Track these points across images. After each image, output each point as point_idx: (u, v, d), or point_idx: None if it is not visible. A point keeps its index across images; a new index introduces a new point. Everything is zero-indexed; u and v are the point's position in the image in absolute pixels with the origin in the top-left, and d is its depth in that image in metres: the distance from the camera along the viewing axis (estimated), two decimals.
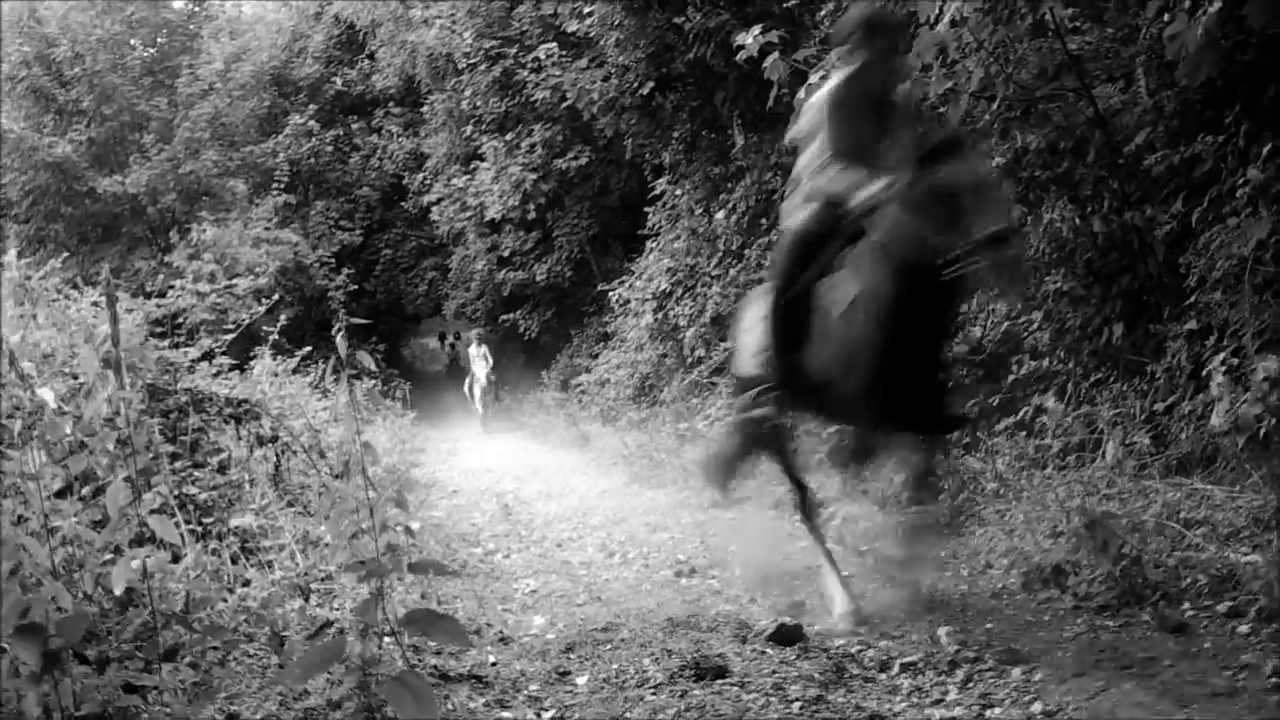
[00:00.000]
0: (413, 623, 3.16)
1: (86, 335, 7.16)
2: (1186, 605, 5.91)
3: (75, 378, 6.55)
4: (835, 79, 6.80)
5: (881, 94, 6.73)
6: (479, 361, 27.95)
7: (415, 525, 4.53)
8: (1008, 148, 9.74)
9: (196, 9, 28.86)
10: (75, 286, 8.58)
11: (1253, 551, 6.19)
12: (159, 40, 27.45)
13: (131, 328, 7.96)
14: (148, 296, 9.68)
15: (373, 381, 18.92)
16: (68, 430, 4.48)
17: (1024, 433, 9.22)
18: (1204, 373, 7.45)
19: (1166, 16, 7.64)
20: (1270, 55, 8.00)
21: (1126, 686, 4.91)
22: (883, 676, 5.66)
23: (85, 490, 4.71)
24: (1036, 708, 4.93)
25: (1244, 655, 5.16)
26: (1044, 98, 9.52)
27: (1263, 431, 6.81)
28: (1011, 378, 9.71)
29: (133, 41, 26.68)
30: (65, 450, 4.62)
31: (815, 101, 6.89)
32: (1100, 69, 9.96)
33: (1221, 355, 7.28)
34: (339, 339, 4.06)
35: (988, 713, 5.02)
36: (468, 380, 28.49)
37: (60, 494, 4.44)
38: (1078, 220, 9.40)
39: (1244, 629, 5.48)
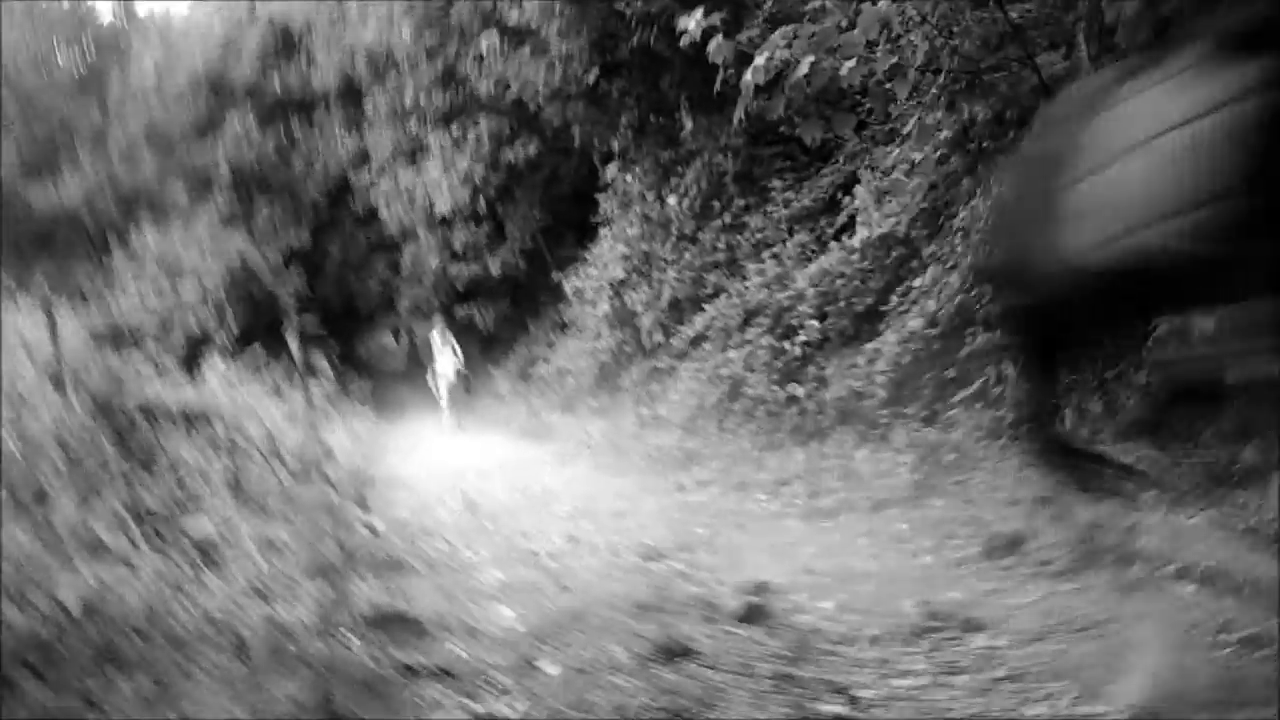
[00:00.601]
0: (377, 625, 3.14)
1: (26, 350, 7.09)
2: (1138, 568, 5.95)
3: (19, 395, 6.48)
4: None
5: None
6: (444, 353, 24.85)
7: (379, 524, 4.51)
8: (955, 120, 9.78)
9: (124, 26, 28.63)
10: (13, 299, 8.49)
11: (1198, 514, 6.26)
12: (87, 52, 27.26)
13: (74, 337, 7.88)
14: (89, 305, 9.60)
15: (330, 382, 18.87)
16: (13, 447, 4.43)
17: (980, 404, 9.27)
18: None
19: None
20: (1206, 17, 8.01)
21: (1085, 648, 4.96)
22: (849, 650, 5.68)
23: (36, 507, 4.65)
24: (1000, 673, 4.96)
25: (1191, 613, 5.21)
26: (989, 69, 9.55)
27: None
28: (966, 350, 9.75)
29: (60, 55, 26.52)
30: (12, 468, 4.57)
31: None
32: (1042, 37, 10.00)
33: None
34: (291, 340, 4.04)
35: (951, 680, 5.04)
36: (431, 376, 25.35)
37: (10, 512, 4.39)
38: None
39: (1191, 588, 5.55)
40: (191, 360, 10.27)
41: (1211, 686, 4.49)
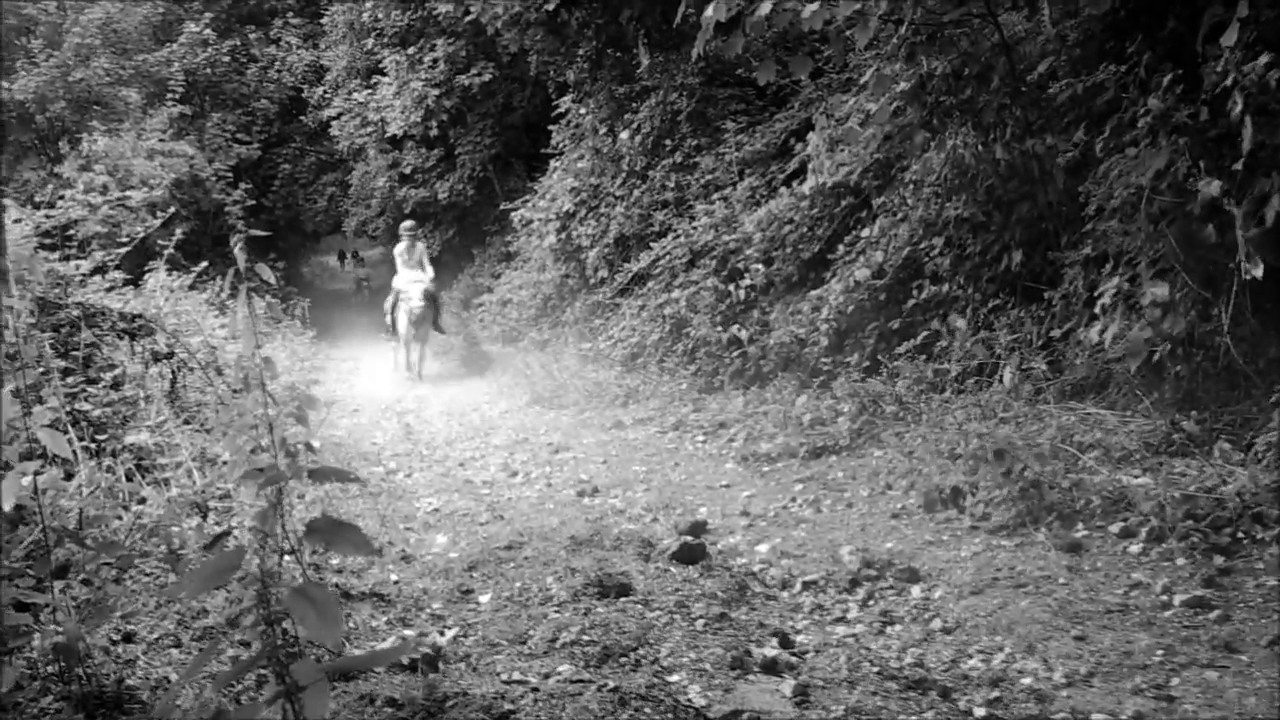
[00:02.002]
0: (314, 532, 3.08)
1: None
2: (1080, 526, 6.02)
3: None
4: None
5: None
6: (410, 269, 19.12)
7: (316, 443, 4.47)
8: (913, 72, 9.75)
9: None
10: None
11: (1144, 474, 6.32)
12: None
13: (20, 239, 7.78)
14: (36, 207, 9.44)
15: (271, 298, 18.66)
16: None
17: (923, 356, 9.32)
18: (1097, 298, 7.55)
19: None
20: None
21: (1023, 604, 5.01)
22: (785, 594, 5.73)
23: None
24: (935, 624, 5.01)
25: (1135, 574, 5.27)
26: (951, 23, 9.52)
27: (1155, 357, 6.93)
28: (912, 302, 9.79)
29: None
30: None
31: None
32: None
33: (1115, 281, 7.38)
34: (237, 251, 3.98)
35: (888, 629, 5.09)
36: (390, 299, 19.41)
37: None
38: (980, 147, 9.47)
39: (1135, 549, 5.61)
40: (136, 269, 10.11)
41: (1154, 648, 4.55)
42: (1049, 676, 4.45)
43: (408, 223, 20.39)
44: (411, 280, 18.82)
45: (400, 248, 19.78)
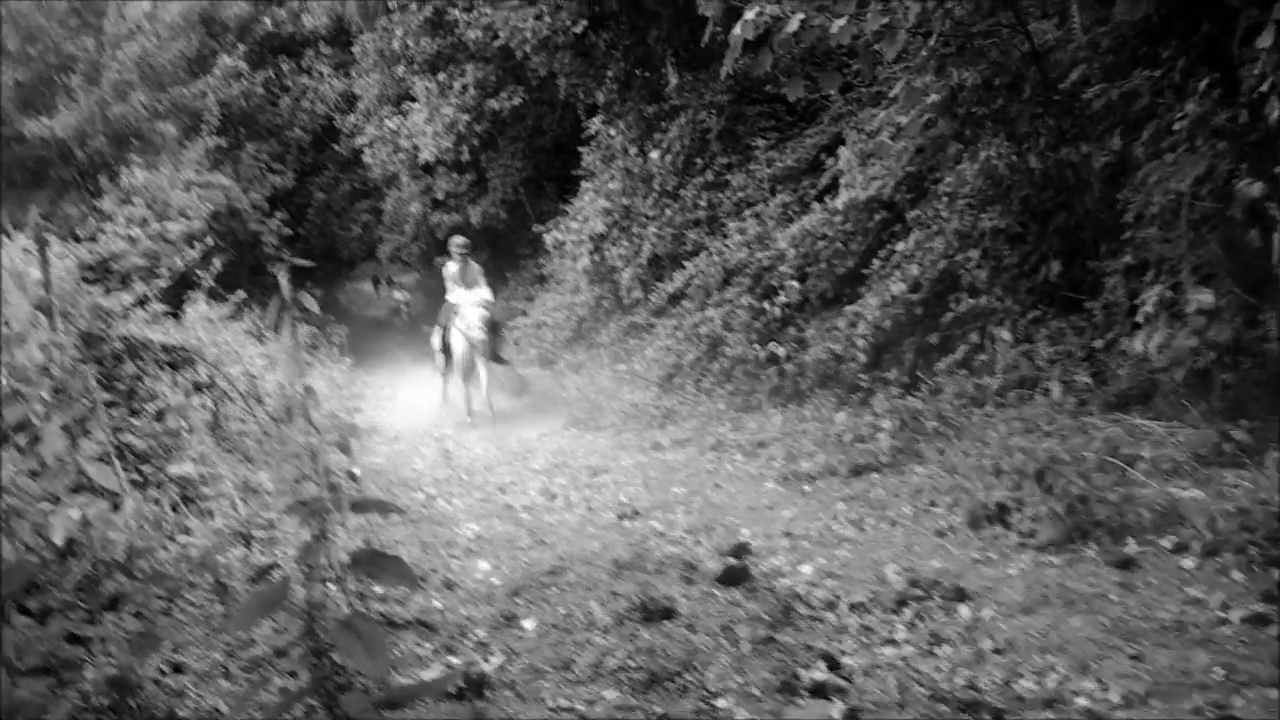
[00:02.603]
0: (358, 564, 3.09)
1: (17, 281, 7.02)
2: (1131, 541, 5.96)
3: (7, 325, 6.43)
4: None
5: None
6: (464, 292, 16.39)
7: (357, 471, 4.48)
8: (943, 84, 9.73)
9: None
10: (4, 232, 8.41)
11: (1194, 487, 6.25)
12: None
13: (63, 273, 7.81)
14: (78, 241, 9.50)
15: (310, 326, 18.76)
16: (1, 378, 4.38)
17: (964, 370, 9.27)
18: (1139, 306, 7.50)
19: None
20: None
21: (1075, 622, 4.95)
22: (831, 616, 5.68)
23: (21, 439, 4.60)
24: (986, 644, 4.96)
25: (1190, 589, 5.21)
26: (980, 34, 9.50)
27: (1201, 365, 6.87)
28: (949, 315, 9.75)
29: None
30: None
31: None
32: (1035, 5, 9.99)
33: (1156, 289, 7.33)
34: (282, 279, 3.98)
35: (937, 650, 5.04)
36: (440, 323, 16.83)
37: None
38: (1014, 157, 9.43)
39: (1189, 563, 5.54)
40: (176, 300, 10.16)
41: (1213, 666, 4.48)
42: (1105, 697, 4.38)
43: (459, 238, 17.40)
44: (469, 301, 15.95)
45: (452, 269, 16.76)
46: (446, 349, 16.61)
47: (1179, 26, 8.26)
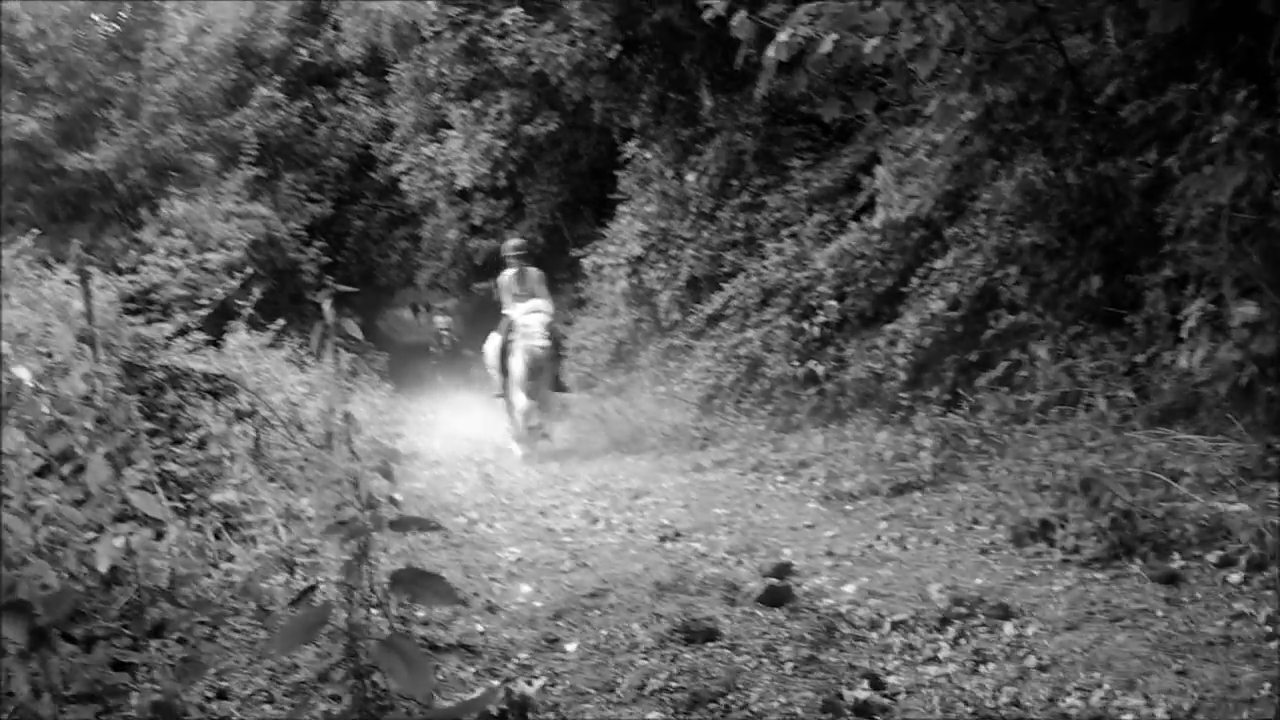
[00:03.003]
0: (399, 583, 3.09)
1: (60, 313, 7.09)
2: (1176, 556, 5.91)
3: (50, 356, 6.48)
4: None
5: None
6: (522, 301, 14.67)
7: (399, 496, 4.49)
8: (979, 102, 9.71)
9: None
10: (47, 265, 8.51)
11: (1240, 501, 6.20)
12: (122, 14, 27.10)
13: (105, 304, 7.89)
14: (120, 273, 9.60)
15: (351, 353, 18.86)
16: (45, 409, 4.42)
17: (1005, 387, 9.23)
18: (1181, 320, 7.46)
19: None
20: (1240, 2, 7.98)
21: (1120, 639, 4.92)
22: (874, 635, 5.66)
23: (65, 469, 4.64)
24: (1030, 662, 4.93)
25: (1237, 604, 5.16)
26: (1014, 50, 9.47)
27: (1245, 379, 6.82)
28: (990, 332, 9.72)
29: (95, 16, 26.33)
30: (44, 429, 4.56)
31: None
32: (1069, 20, 9.94)
33: (1198, 302, 7.28)
34: (325, 306, 4.01)
35: (981, 669, 5.01)
36: (496, 340, 15.07)
37: (40, 473, 4.38)
38: (1051, 173, 9.40)
39: (1235, 578, 5.49)
40: (216, 329, 10.25)
41: (1261, 682, 4.43)
42: (1151, 713, 4.34)
43: (514, 241, 16.06)
44: (528, 311, 14.07)
45: (507, 277, 15.09)
46: (503, 372, 14.83)
47: (1214, 39, 8.23)
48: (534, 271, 15.59)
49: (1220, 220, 7.29)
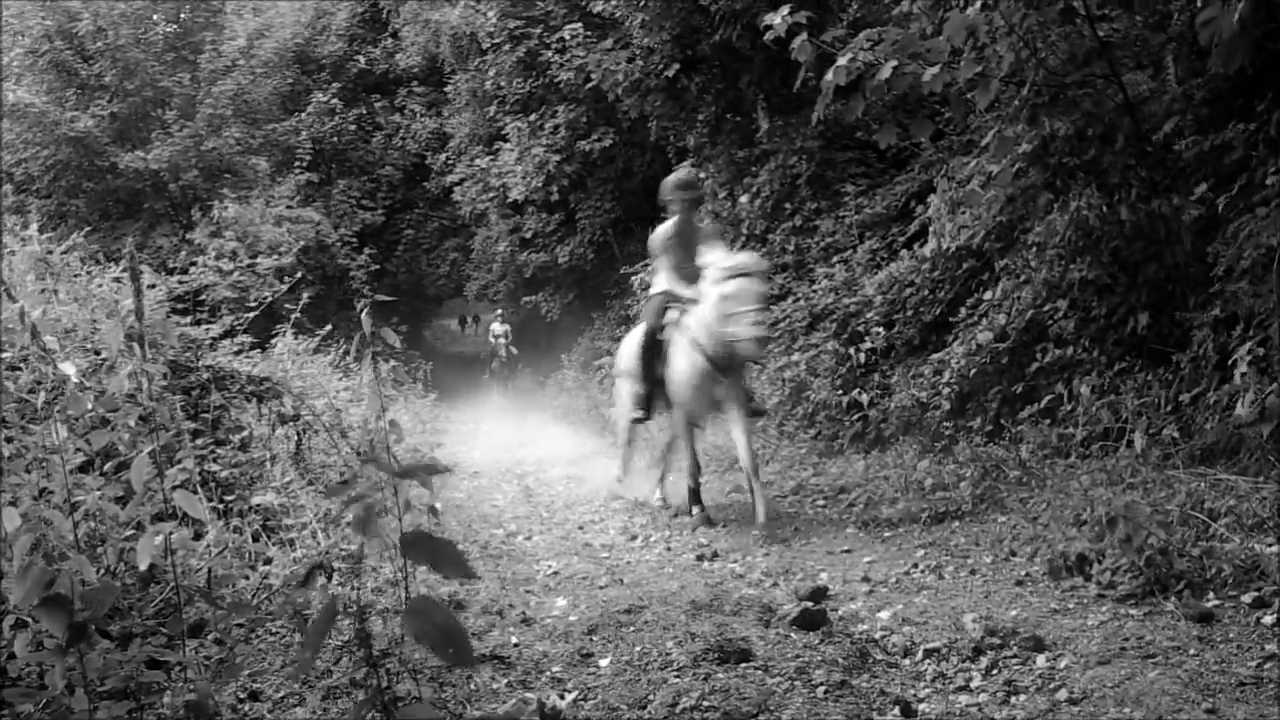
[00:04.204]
0: (410, 549, 3.03)
1: (109, 310, 7.17)
2: (1211, 595, 5.88)
3: (97, 353, 6.56)
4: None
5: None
6: (687, 267, 10.40)
7: (438, 505, 4.52)
8: (1036, 134, 9.69)
9: None
10: (97, 262, 8.60)
11: (1277, 543, 6.16)
12: (182, 15, 27.38)
13: (154, 304, 7.98)
14: (169, 273, 9.68)
15: (395, 361, 18.92)
16: (90, 405, 4.47)
17: (1048, 420, 9.19)
18: (1230, 362, 7.42)
19: (1199, 3, 7.56)
20: None
21: (1151, 675, 4.88)
22: (906, 662, 5.64)
23: (107, 466, 4.69)
24: (1061, 695, 4.90)
25: (1269, 645, 5.13)
26: (1073, 84, 9.45)
27: None
28: (1035, 365, 9.68)
29: (155, 16, 26.60)
30: (87, 425, 4.61)
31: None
32: (1129, 56, 9.91)
33: (1248, 345, 7.25)
34: (364, 316, 4.04)
35: (1012, 699, 4.99)
36: (645, 338, 10.78)
37: (82, 469, 4.44)
38: (1105, 208, 9.36)
39: (1269, 619, 5.45)
40: (263, 332, 10.32)
41: None
42: None
43: (680, 174, 11.32)
44: (727, 275, 9.26)
45: (665, 233, 10.49)
46: (650, 383, 10.21)
47: (1273, 79, 8.20)
48: (709, 225, 12.21)
49: (1272, 262, 7.25)
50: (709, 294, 9.35)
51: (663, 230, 10.56)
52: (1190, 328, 8.37)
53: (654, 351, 10.17)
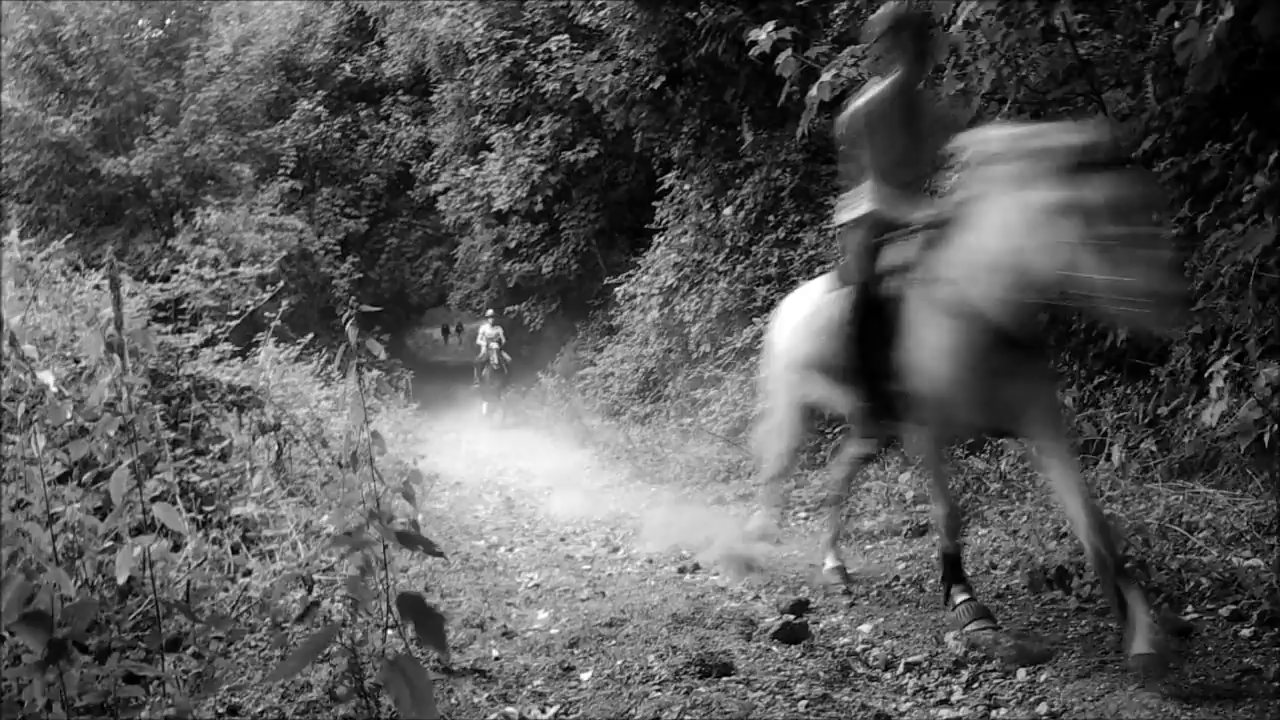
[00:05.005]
0: (404, 609, 3.07)
1: (89, 318, 7.15)
2: (1190, 608, 5.90)
3: (76, 361, 6.54)
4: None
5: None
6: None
7: (420, 517, 4.52)
8: None
9: None
10: (77, 269, 8.57)
11: (1255, 556, 6.20)
12: (167, 21, 27.34)
13: (134, 312, 7.95)
14: (151, 280, 9.65)
15: (377, 371, 18.90)
16: (69, 415, 4.46)
17: None
18: (1207, 376, 7.46)
19: (1177, 24, 7.62)
20: (1278, 64, 8.00)
21: (1131, 689, 4.90)
22: (888, 676, 5.65)
23: (86, 476, 4.68)
24: (1042, 709, 4.92)
25: (1246, 659, 5.15)
26: (1054, 101, 9.50)
27: (1265, 437, 6.82)
28: None
29: (140, 21, 26.57)
30: (66, 435, 4.61)
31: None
32: (1109, 74, 9.95)
33: (1224, 360, 7.29)
34: (349, 326, 4.04)
35: (993, 713, 5.01)
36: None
37: (61, 479, 4.42)
38: None
39: (1246, 633, 5.48)
40: (244, 340, 10.29)
41: None
42: None
43: (897, 3, 6.81)
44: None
45: (876, 101, 6.43)
46: (871, 379, 6.32)
47: (1250, 99, 8.25)
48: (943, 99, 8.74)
49: (1248, 279, 7.30)
50: (986, 210, 5.26)
51: (868, 99, 6.48)
52: (1169, 342, 8.40)
53: (871, 323, 6.19)
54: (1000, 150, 5.15)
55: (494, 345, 23.99)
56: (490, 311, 25.70)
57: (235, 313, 10.20)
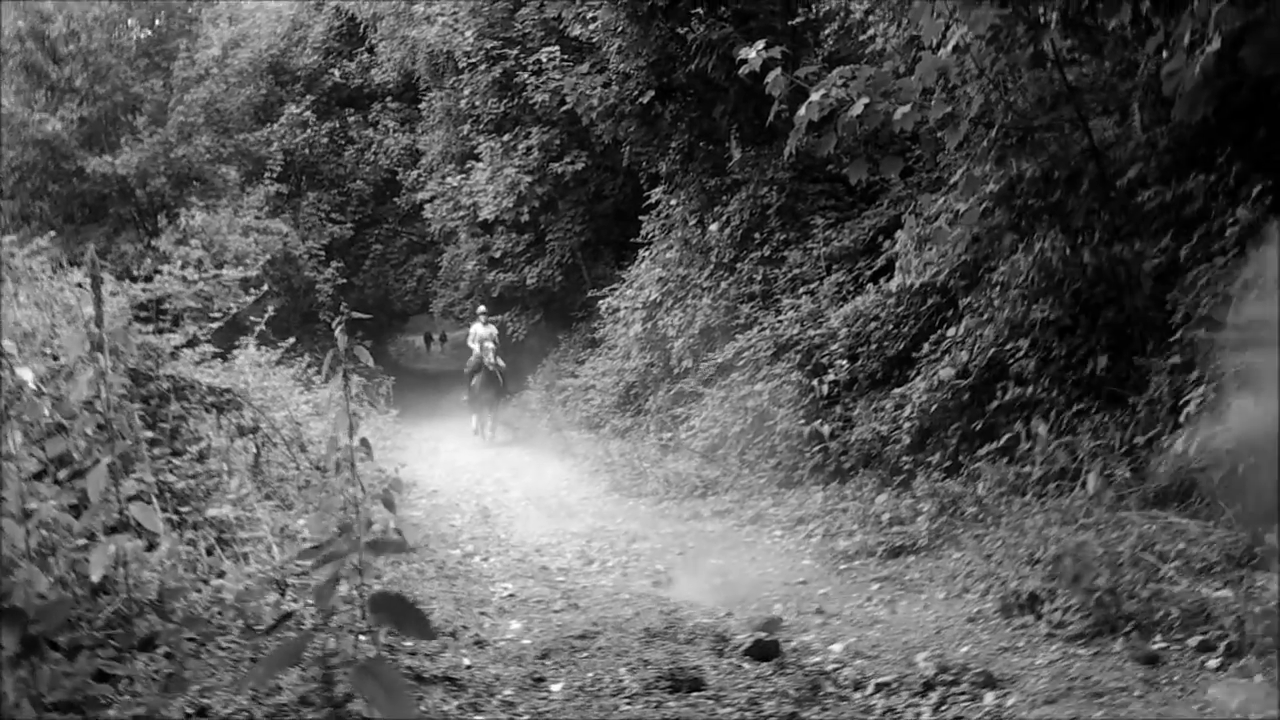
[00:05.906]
0: (379, 609, 3.06)
1: (70, 316, 7.14)
2: (1159, 637, 5.93)
3: (56, 359, 6.52)
4: None
5: None
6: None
7: (396, 525, 4.52)
8: (1003, 175, 9.77)
9: None
10: (60, 266, 8.54)
11: (1225, 587, 6.22)
12: (157, 22, 27.23)
13: (116, 311, 7.93)
14: (133, 280, 9.61)
15: (360, 378, 18.86)
16: (46, 412, 4.46)
17: (1006, 458, 9.24)
18: (1183, 406, 7.48)
19: (1165, 54, 7.66)
20: (1263, 97, 8.05)
21: (1097, 715, 4.93)
22: (857, 696, 5.67)
23: (62, 474, 4.67)
24: None
25: (1211, 690, 5.17)
26: (1041, 127, 9.55)
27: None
28: (995, 403, 9.72)
29: (130, 21, 26.46)
30: (44, 432, 4.60)
31: None
32: (1097, 101, 10.01)
33: (1201, 390, 7.32)
34: (338, 332, 4.05)
35: None
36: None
37: (37, 476, 4.41)
38: (1068, 250, 9.43)
39: (1213, 663, 5.51)
40: (226, 342, 10.27)
41: None
42: None
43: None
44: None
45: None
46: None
47: (1235, 131, 8.30)
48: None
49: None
50: None
51: None
52: (1148, 372, 8.43)
53: None
54: None
55: (489, 346, 22.73)
56: (483, 309, 24.22)
57: (217, 315, 10.18)
